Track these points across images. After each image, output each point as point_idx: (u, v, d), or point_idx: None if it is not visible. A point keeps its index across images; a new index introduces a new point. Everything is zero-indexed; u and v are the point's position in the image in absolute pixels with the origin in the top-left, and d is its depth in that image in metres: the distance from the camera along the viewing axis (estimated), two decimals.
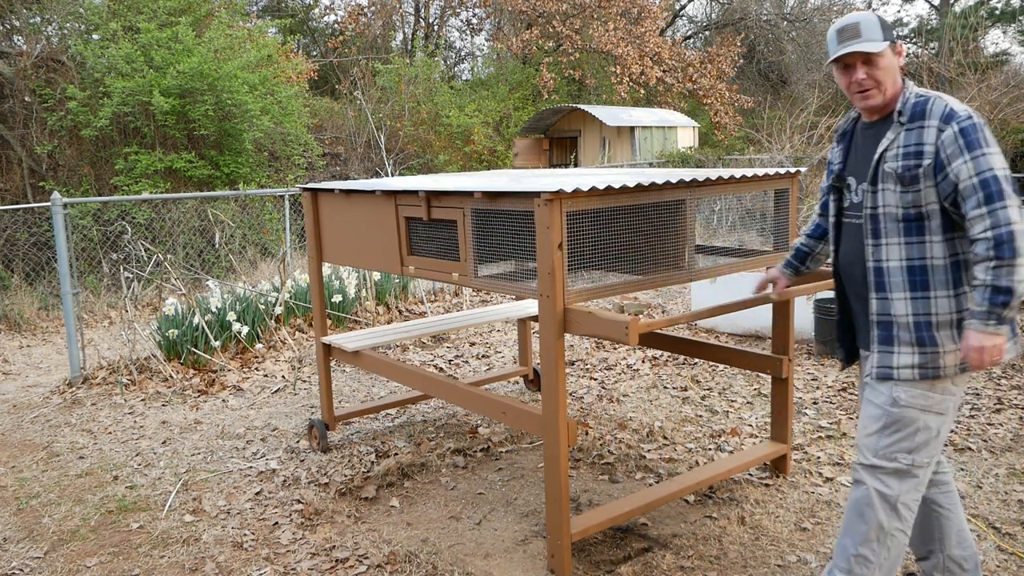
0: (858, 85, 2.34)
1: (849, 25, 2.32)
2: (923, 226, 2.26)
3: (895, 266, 2.31)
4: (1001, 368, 5.34)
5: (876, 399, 2.37)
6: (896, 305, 2.32)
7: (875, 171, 2.33)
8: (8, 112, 11.46)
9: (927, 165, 2.22)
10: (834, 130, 2.55)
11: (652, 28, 20.27)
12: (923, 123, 2.26)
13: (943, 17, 25.68)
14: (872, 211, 2.34)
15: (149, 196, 8.40)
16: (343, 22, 21.52)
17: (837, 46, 2.33)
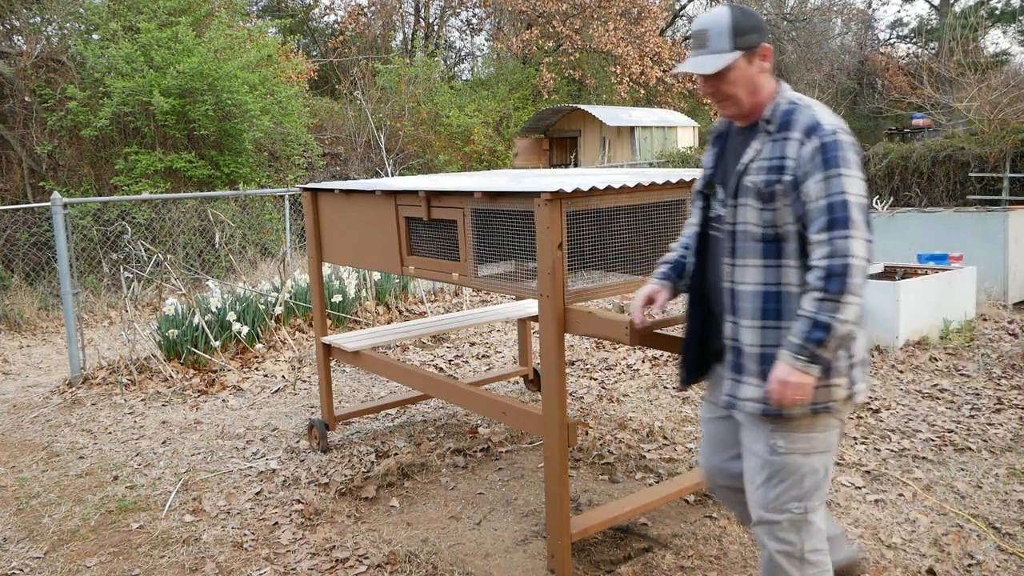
0: (711, 97, 2.13)
1: (697, 32, 2.09)
2: (780, 248, 2.04)
3: (749, 291, 2.08)
4: (1001, 368, 5.35)
5: (754, 447, 2.16)
6: (745, 333, 2.10)
7: (737, 184, 2.10)
8: (8, 112, 11.46)
9: (787, 181, 2.01)
10: (708, 130, 2.48)
11: (652, 28, 20.28)
12: (788, 134, 2.04)
13: (943, 17, 25.69)
14: (732, 227, 2.11)
15: (149, 196, 8.41)
16: (343, 22, 21.53)
17: (691, 52, 2.13)
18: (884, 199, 10.99)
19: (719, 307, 2.21)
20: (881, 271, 6.66)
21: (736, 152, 2.17)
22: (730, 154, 2.19)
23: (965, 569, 2.96)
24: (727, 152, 2.21)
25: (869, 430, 4.38)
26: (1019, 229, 7.32)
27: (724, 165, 2.21)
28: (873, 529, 3.28)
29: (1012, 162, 11.53)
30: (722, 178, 2.19)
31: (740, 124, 2.19)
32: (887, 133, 18.90)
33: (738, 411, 2.19)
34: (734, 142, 2.20)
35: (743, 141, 2.16)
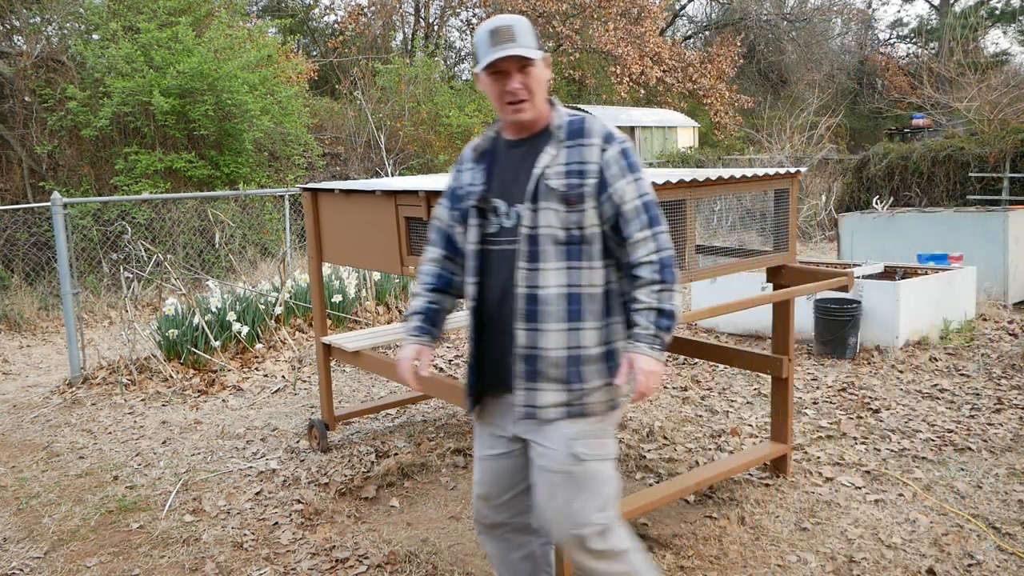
0: (512, 95, 2.07)
1: (503, 27, 2.06)
2: (584, 250, 2.09)
3: (553, 293, 2.08)
4: (1001, 368, 5.35)
5: (551, 460, 2.11)
6: (548, 337, 2.09)
7: (536, 189, 2.09)
8: (8, 112, 11.46)
9: (592, 184, 2.08)
10: (472, 146, 2.26)
11: (652, 28, 20.28)
12: (583, 141, 2.11)
13: (943, 17, 25.70)
14: (531, 232, 2.09)
15: (149, 196, 8.41)
16: (343, 22, 21.52)
17: (490, 49, 2.05)
18: (884, 199, 10.99)
19: (510, 319, 2.13)
20: (881, 271, 6.66)
21: (517, 164, 2.16)
22: (506, 167, 2.18)
23: (965, 569, 2.96)
24: (499, 167, 2.20)
25: (869, 430, 4.38)
26: (1019, 229, 7.32)
27: (500, 178, 2.18)
28: (873, 529, 3.28)
29: (1012, 162, 11.53)
30: (501, 191, 2.17)
31: (515, 136, 2.18)
32: (887, 133, 18.91)
33: (534, 421, 2.13)
34: (508, 156, 2.20)
35: (525, 153, 2.16)
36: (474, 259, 2.19)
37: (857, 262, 6.95)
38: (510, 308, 2.13)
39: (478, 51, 2.10)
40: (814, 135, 14.84)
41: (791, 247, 3.60)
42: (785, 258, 3.60)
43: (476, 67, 2.13)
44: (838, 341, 5.71)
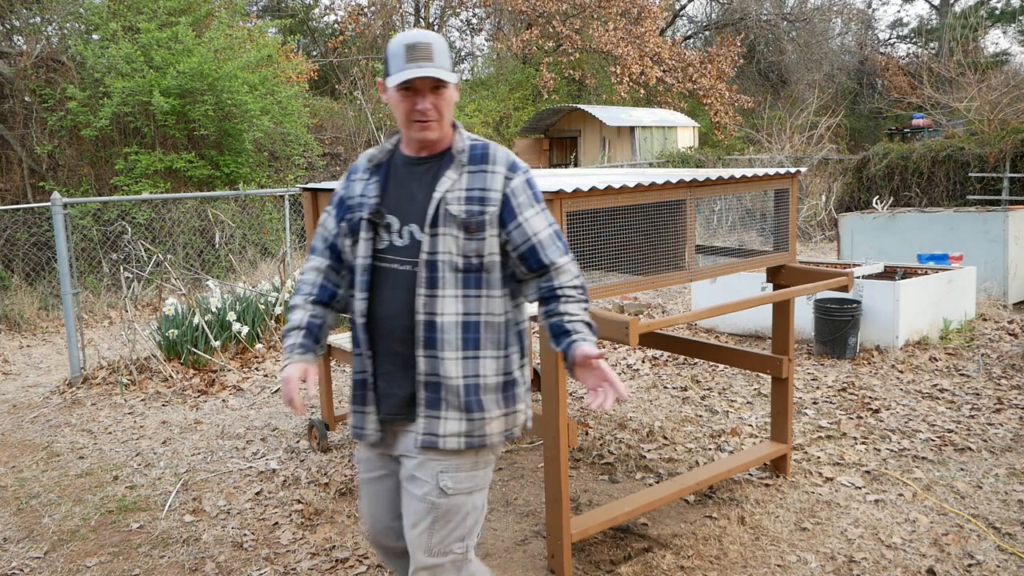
0: (422, 115, 2.02)
1: (422, 44, 2.00)
2: (482, 278, 2.06)
3: (450, 321, 2.04)
4: (1001, 368, 5.35)
5: (419, 490, 2.08)
6: (447, 365, 2.05)
7: (436, 213, 2.05)
8: (8, 112, 11.46)
9: (493, 212, 2.05)
10: (367, 156, 2.17)
11: (652, 28, 20.28)
12: (486, 167, 2.08)
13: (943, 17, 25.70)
14: (430, 258, 2.04)
15: (149, 196, 8.41)
16: (343, 22, 21.52)
17: (405, 64, 1.99)
18: (884, 199, 10.99)
19: (402, 341, 2.08)
20: (881, 271, 6.67)
21: (414, 183, 2.11)
22: (402, 184, 2.13)
23: (965, 569, 2.96)
24: (395, 182, 2.14)
25: (869, 430, 4.38)
26: (1019, 229, 7.32)
27: (395, 194, 2.12)
28: (873, 529, 3.28)
29: (1012, 162, 11.53)
30: (395, 207, 2.11)
31: (415, 154, 2.13)
32: (887, 133, 18.91)
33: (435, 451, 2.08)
34: (405, 172, 2.14)
35: (423, 172, 2.11)
36: (364, 274, 2.11)
37: (857, 262, 6.95)
38: (403, 330, 2.08)
39: (390, 63, 2.03)
40: (814, 135, 14.85)
41: (791, 247, 3.60)
42: (785, 258, 3.60)
43: (387, 79, 2.04)
44: (838, 341, 5.71)
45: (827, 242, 12.19)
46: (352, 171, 2.23)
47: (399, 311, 2.07)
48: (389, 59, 2.04)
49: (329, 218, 2.24)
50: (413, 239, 2.07)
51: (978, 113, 13.94)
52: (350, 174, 2.22)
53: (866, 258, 7.66)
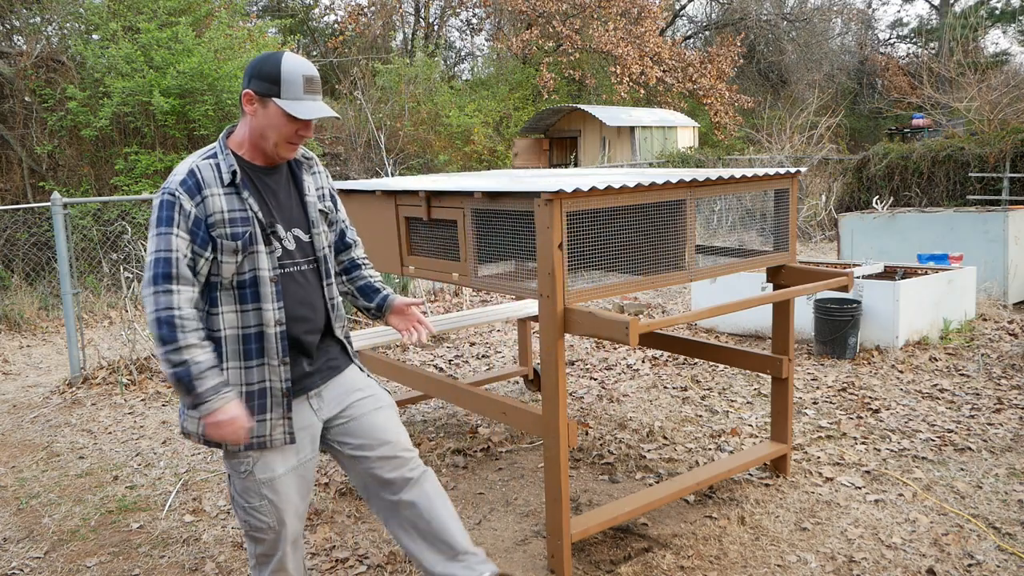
0: (300, 139, 2.22)
1: (315, 78, 2.20)
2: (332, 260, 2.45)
3: (339, 300, 2.45)
4: (1001, 368, 5.35)
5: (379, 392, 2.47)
6: (339, 332, 2.42)
7: (314, 214, 2.35)
8: (8, 112, 11.46)
9: (333, 206, 2.46)
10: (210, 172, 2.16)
11: (652, 28, 20.28)
12: (316, 169, 2.43)
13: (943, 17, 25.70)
14: (321, 252, 2.35)
15: (149, 196, 8.40)
16: (343, 22, 21.52)
17: (304, 94, 2.15)
18: (884, 199, 10.99)
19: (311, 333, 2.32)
20: (881, 271, 6.67)
21: (278, 191, 2.29)
22: (270, 195, 2.26)
23: (965, 569, 2.96)
24: (263, 193, 2.24)
25: (869, 430, 4.38)
26: (1019, 229, 7.33)
27: (270, 204, 2.25)
28: (873, 529, 3.28)
29: (1012, 162, 11.53)
30: (277, 215, 2.26)
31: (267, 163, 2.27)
32: (887, 133, 18.92)
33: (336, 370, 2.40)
34: (266, 181, 2.27)
35: (280, 178, 2.31)
36: (274, 284, 2.20)
37: (857, 262, 6.95)
38: (314, 321, 2.32)
39: (284, 86, 2.13)
40: (814, 135, 14.85)
41: (791, 247, 3.60)
42: (785, 258, 3.60)
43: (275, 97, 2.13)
44: (838, 341, 5.71)
45: (827, 242, 12.19)
46: (193, 188, 2.13)
47: (307, 305, 2.31)
48: (283, 82, 2.13)
49: (180, 240, 2.09)
50: (300, 241, 2.31)
51: (978, 113, 13.94)
52: (192, 191, 2.12)
53: (866, 258, 7.66)
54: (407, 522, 2.44)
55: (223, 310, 2.18)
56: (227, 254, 2.14)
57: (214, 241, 2.13)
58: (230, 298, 2.18)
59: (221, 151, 2.21)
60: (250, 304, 2.18)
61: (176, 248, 2.09)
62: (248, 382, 2.20)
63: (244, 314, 2.19)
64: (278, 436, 2.24)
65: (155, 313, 2.07)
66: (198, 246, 2.12)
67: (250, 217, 2.17)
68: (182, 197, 2.11)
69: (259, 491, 2.25)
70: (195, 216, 2.12)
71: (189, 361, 2.06)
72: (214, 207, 2.13)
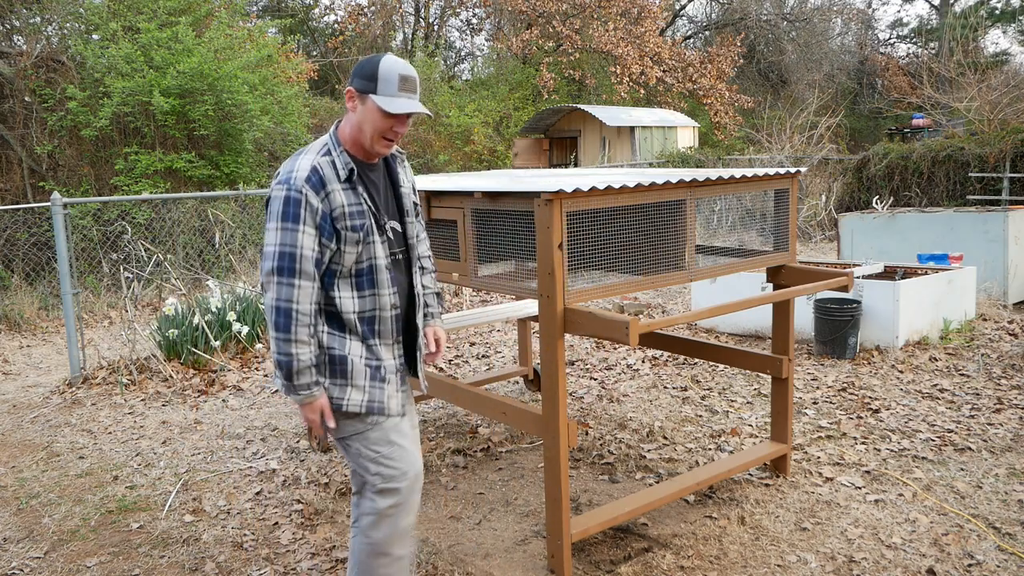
0: (395, 135, 2.34)
1: (412, 77, 2.31)
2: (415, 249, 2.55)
3: (422, 291, 2.58)
4: (1001, 368, 5.35)
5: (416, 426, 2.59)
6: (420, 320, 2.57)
7: (408, 205, 2.50)
8: (8, 112, 11.46)
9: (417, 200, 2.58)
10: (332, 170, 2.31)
11: (652, 28, 20.27)
12: (406, 164, 2.57)
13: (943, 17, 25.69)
14: (411, 242, 2.50)
15: (149, 196, 8.41)
16: (343, 22, 21.53)
17: (398, 91, 2.27)
18: (884, 199, 10.99)
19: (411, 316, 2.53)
20: (881, 271, 6.66)
21: (379, 184, 2.44)
22: (374, 188, 2.41)
23: (965, 569, 2.96)
24: (371, 187, 2.40)
25: (869, 430, 4.38)
26: (1019, 229, 7.32)
27: (376, 197, 2.40)
28: (873, 529, 3.28)
29: (1012, 162, 11.53)
30: (384, 209, 2.43)
31: (369, 160, 2.41)
32: (887, 133, 18.91)
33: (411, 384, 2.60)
34: (371, 177, 2.42)
35: (379, 173, 2.45)
36: (388, 272, 2.40)
37: (857, 262, 6.95)
38: (412, 307, 2.52)
39: (381, 83, 2.26)
40: (814, 135, 14.85)
41: (791, 247, 3.60)
42: (785, 258, 3.60)
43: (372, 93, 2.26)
44: (838, 341, 5.71)
45: (827, 242, 12.19)
46: (318, 184, 2.26)
47: (407, 291, 2.50)
48: (380, 80, 2.27)
49: (306, 236, 2.24)
50: (396, 232, 2.45)
51: (978, 113, 13.94)
52: (318, 188, 2.26)
53: (866, 258, 7.66)
54: None
55: (341, 295, 2.35)
56: (350, 244, 2.31)
57: (338, 233, 2.29)
58: (347, 285, 2.35)
59: (335, 148, 2.35)
60: (367, 291, 2.37)
61: (302, 245, 2.24)
62: (368, 357, 2.39)
63: (361, 300, 2.37)
64: (395, 407, 2.42)
65: (275, 302, 2.25)
66: (325, 239, 2.28)
67: (365, 210, 2.33)
68: (309, 194, 2.25)
69: (388, 438, 2.41)
70: (321, 211, 2.27)
71: (294, 355, 2.26)
72: (337, 202, 2.29)
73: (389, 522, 2.43)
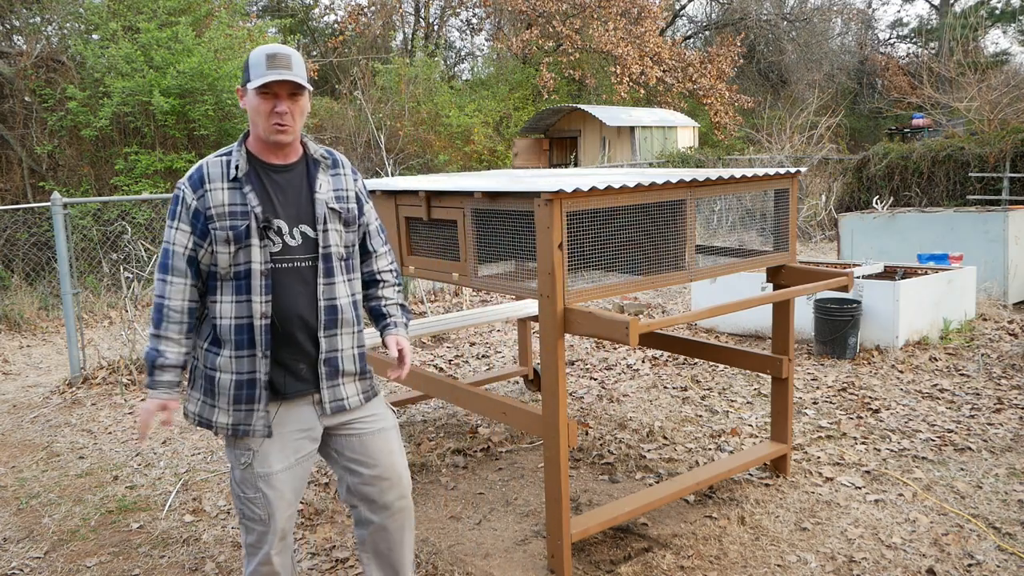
0: (279, 116, 2.25)
1: (282, 54, 2.24)
2: (350, 264, 2.43)
3: (345, 303, 2.39)
4: (1001, 368, 5.35)
5: (387, 424, 2.49)
6: (344, 340, 2.39)
7: (324, 212, 2.34)
8: (8, 112, 11.46)
9: (354, 208, 2.43)
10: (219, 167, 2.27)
11: (652, 28, 20.27)
12: (340, 171, 2.44)
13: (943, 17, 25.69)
14: (325, 250, 2.34)
15: (149, 196, 8.40)
16: (343, 22, 21.52)
17: (266, 70, 2.22)
18: (884, 199, 10.99)
19: (303, 329, 2.33)
20: (881, 271, 6.66)
21: (288, 187, 2.33)
22: (277, 191, 2.31)
23: (965, 569, 2.96)
24: (270, 189, 2.30)
25: (869, 430, 4.38)
26: (1019, 229, 7.32)
27: (275, 200, 2.30)
28: (873, 529, 3.28)
29: (1012, 162, 11.53)
30: (282, 212, 2.30)
31: (277, 160, 2.33)
32: (887, 133, 18.91)
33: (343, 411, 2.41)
34: (275, 179, 2.32)
35: (294, 177, 2.35)
36: (265, 278, 2.27)
37: (857, 262, 6.95)
38: (303, 319, 2.32)
39: (251, 70, 2.24)
40: (814, 135, 14.85)
41: (791, 247, 3.60)
42: (785, 258, 3.60)
43: (248, 83, 2.24)
44: (838, 341, 5.71)
45: (827, 242, 12.19)
46: (197, 182, 2.26)
47: (302, 303, 2.32)
48: (250, 67, 2.25)
49: (180, 233, 2.26)
50: (307, 238, 2.33)
51: (978, 113, 13.94)
52: (196, 185, 2.26)
53: (866, 258, 7.66)
54: (371, 540, 2.57)
55: (221, 299, 2.29)
56: (220, 244, 2.25)
57: (210, 233, 2.25)
58: (228, 288, 2.28)
59: (237, 148, 2.33)
60: (244, 295, 2.28)
61: (175, 241, 2.27)
62: (238, 371, 2.29)
63: (238, 304, 2.28)
64: (260, 427, 2.31)
65: (154, 297, 2.30)
66: (197, 236, 2.26)
67: (248, 211, 2.25)
68: (186, 191, 2.28)
69: (255, 484, 2.33)
70: (195, 208, 2.26)
71: (158, 350, 2.28)
72: (214, 200, 2.25)
73: (249, 559, 2.42)
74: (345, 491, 2.52)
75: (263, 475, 2.32)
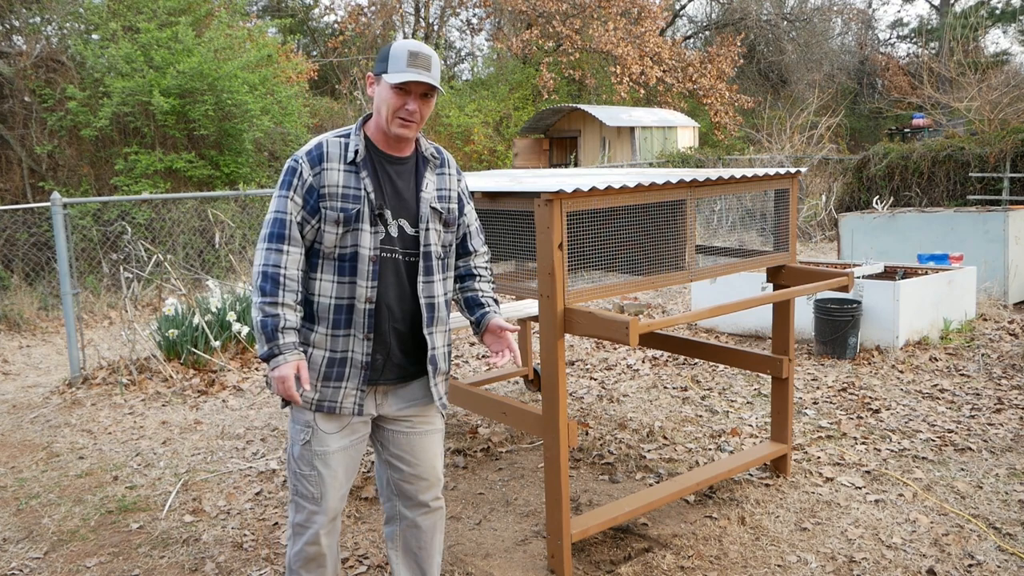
0: (408, 113, 2.27)
1: (424, 54, 2.26)
2: (445, 264, 2.45)
3: (442, 301, 2.43)
4: (1001, 368, 5.35)
5: (435, 426, 2.51)
6: (437, 338, 2.42)
7: (424, 210, 2.37)
8: (8, 112, 11.45)
9: (455, 209, 2.46)
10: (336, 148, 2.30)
11: (652, 28, 20.28)
12: (445, 170, 2.47)
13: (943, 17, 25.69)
14: (425, 249, 2.37)
15: (149, 196, 8.40)
16: (343, 22, 21.53)
17: (407, 67, 2.24)
18: (884, 199, 10.99)
19: (403, 323, 2.37)
20: (881, 271, 6.67)
21: (398, 181, 2.36)
22: (387, 182, 2.34)
23: (965, 569, 2.96)
24: (382, 178, 2.34)
25: (869, 430, 4.38)
26: (1019, 229, 7.32)
27: (385, 190, 2.33)
28: (873, 529, 3.28)
29: (1012, 162, 11.53)
30: (389, 202, 2.34)
31: (392, 152, 2.36)
32: (887, 133, 18.91)
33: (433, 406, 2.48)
34: (388, 170, 2.36)
35: (404, 172, 2.38)
36: (372, 264, 2.30)
37: (857, 262, 6.95)
38: (405, 312, 2.37)
39: (391, 62, 2.25)
40: (814, 135, 14.85)
41: (791, 247, 3.60)
42: (785, 258, 3.60)
43: (384, 73, 2.26)
44: (838, 341, 5.71)
45: (827, 242, 12.19)
46: (316, 159, 2.28)
47: (402, 295, 2.36)
48: (391, 59, 2.26)
49: (291, 203, 2.27)
50: (403, 232, 2.35)
51: (978, 113, 13.94)
52: (314, 162, 2.28)
53: (866, 258, 7.66)
54: (402, 537, 2.59)
55: (322, 277, 2.31)
56: (329, 224, 2.27)
57: (320, 211, 2.27)
58: (330, 268, 2.31)
59: (355, 132, 2.35)
60: (347, 277, 2.31)
61: (289, 211, 2.27)
62: (332, 348, 2.32)
63: (340, 285, 2.31)
64: (348, 405, 2.35)
65: (262, 267, 2.26)
66: (307, 212, 2.28)
67: (362, 196, 2.29)
68: (304, 165, 2.29)
69: (311, 461, 2.36)
70: (310, 184, 2.28)
71: (280, 316, 2.24)
72: (330, 180, 2.28)
73: (295, 540, 2.44)
74: (383, 482, 2.56)
75: (320, 453, 2.35)
